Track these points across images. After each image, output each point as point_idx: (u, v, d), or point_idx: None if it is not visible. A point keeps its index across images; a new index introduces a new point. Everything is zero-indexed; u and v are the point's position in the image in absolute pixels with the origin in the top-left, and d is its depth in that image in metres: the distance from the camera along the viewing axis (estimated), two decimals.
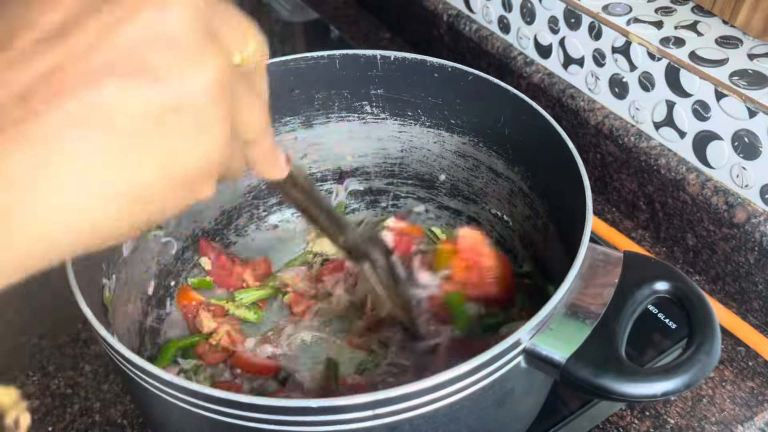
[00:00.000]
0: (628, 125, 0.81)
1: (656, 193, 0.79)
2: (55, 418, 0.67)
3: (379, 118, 0.75)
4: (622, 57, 0.78)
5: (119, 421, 0.67)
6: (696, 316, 0.50)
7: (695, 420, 0.65)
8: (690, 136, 0.74)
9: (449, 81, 0.69)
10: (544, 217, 0.67)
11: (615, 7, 0.80)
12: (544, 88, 0.89)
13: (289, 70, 0.71)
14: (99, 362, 0.72)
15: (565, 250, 0.60)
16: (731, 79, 0.69)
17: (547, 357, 0.48)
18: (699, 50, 0.72)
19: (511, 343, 0.46)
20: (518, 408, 0.55)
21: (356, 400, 0.42)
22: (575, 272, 0.49)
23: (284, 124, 0.75)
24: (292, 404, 0.42)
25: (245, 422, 0.44)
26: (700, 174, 0.74)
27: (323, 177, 0.80)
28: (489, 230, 0.76)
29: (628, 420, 0.66)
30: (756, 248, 0.70)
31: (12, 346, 0.74)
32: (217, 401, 0.43)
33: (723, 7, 0.73)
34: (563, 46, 0.86)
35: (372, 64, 0.71)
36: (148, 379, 0.46)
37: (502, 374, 0.47)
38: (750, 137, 0.68)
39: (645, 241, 0.83)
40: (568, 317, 0.50)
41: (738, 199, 0.71)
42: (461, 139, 0.73)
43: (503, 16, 0.93)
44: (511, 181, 0.71)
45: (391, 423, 0.44)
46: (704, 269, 0.77)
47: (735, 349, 0.71)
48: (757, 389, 0.68)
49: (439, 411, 0.45)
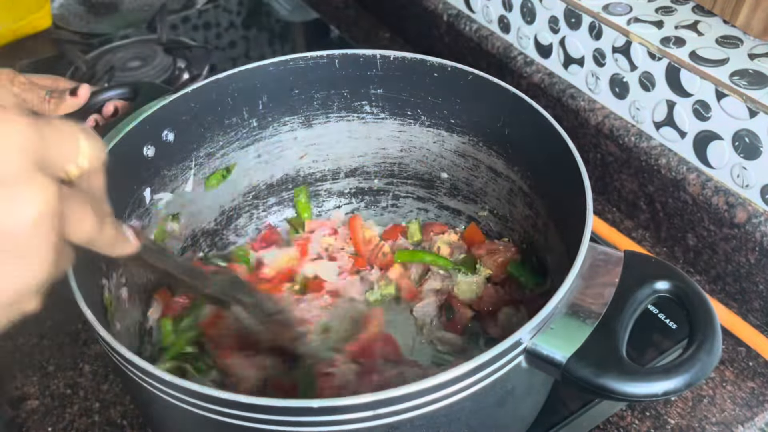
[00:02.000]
0: (629, 125, 0.80)
1: (657, 193, 0.79)
2: (54, 418, 0.67)
3: (379, 118, 0.75)
4: (622, 57, 0.78)
5: (119, 421, 0.67)
6: (696, 315, 0.50)
7: (696, 420, 0.65)
8: (690, 136, 0.74)
9: (449, 80, 0.69)
10: (544, 217, 0.67)
11: (615, 6, 0.80)
12: (544, 88, 0.89)
13: (288, 70, 0.71)
14: (99, 362, 0.72)
15: (565, 249, 0.60)
16: (732, 79, 0.69)
17: (548, 357, 0.48)
18: (699, 50, 0.72)
19: (512, 343, 0.46)
20: (519, 408, 0.55)
21: (357, 401, 0.42)
22: (576, 272, 0.49)
23: (284, 123, 0.75)
24: (293, 404, 0.42)
25: (246, 422, 0.44)
26: (700, 174, 0.74)
27: (323, 177, 0.80)
28: (489, 230, 0.76)
29: (629, 420, 0.65)
30: (756, 248, 0.70)
31: (12, 346, 0.74)
32: (218, 402, 0.43)
33: (723, 6, 0.73)
34: (563, 45, 0.86)
35: (371, 64, 0.71)
36: (147, 379, 0.46)
37: (502, 374, 0.47)
38: (750, 137, 0.68)
39: (645, 241, 0.82)
40: (569, 317, 0.49)
41: (738, 199, 0.71)
42: (461, 139, 0.73)
43: (503, 15, 0.93)
44: (511, 180, 0.70)
45: (392, 423, 0.44)
46: (705, 269, 0.77)
47: (735, 350, 0.71)
48: (757, 389, 0.68)
49: (439, 411, 0.45)
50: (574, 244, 0.51)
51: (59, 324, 0.75)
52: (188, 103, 0.68)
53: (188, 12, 1.23)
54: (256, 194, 0.79)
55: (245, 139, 0.74)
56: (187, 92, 0.68)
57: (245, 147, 0.74)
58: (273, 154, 0.77)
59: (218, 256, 0.77)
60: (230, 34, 1.20)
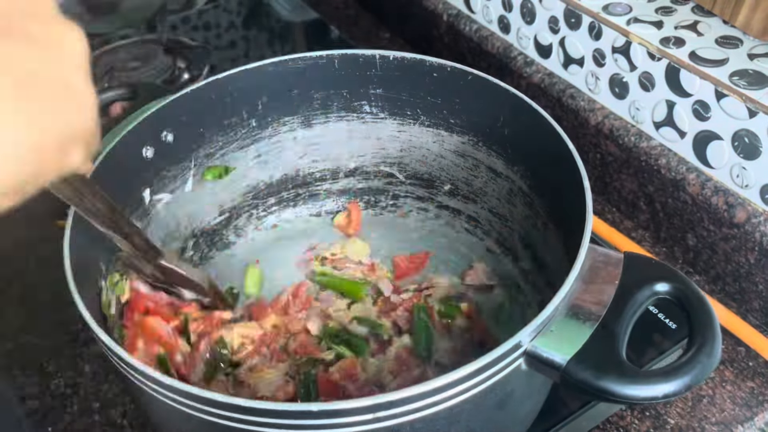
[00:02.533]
0: (628, 125, 0.80)
1: (656, 193, 0.79)
2: (54, 418, 0.67)
3: (378, 118, 0.75)
4: (622, 57, 0.78)
5: (119, 421, 0.67)
6: (696, 317, 0.50)
7: (695, 420, 0.65)
8: (690, 136, 0.74)
9: (448, 81, 0.69)
10: (544, 217, 0.67)
11: (615, 7, 0.80)
12: (544, 88, 0.89)
13: (288, 70, 0.71)
14: (99, 362, 0.72)
15: (565, 250, 0.60)
16: (731, 79, 0.69)
17: (547, 359, 0.47)
18: (699, 50, 0.72)
19: (512, 346, 0.46)
20: (519, 410, 0.55)
21: (357, 404, 0.42)
22: (576, 274, 0.49)
23: (283, 123, 0.75)
24: (293, 408, 0.42)
25: (245, 425, 0.44)
26: (700, 174, 0.74)
27: (322, 177, 0.80)
28: (488, 230, 0.76)
29: (628, 420, 0.66)
30: (756, 248, 0.70)
31: (12, 346, 0.74)
32: (218, 405, 0.43)
33: (723, 7, 0.73)
34: (563, 46, 0.85)
35: (371, 64, 0.71)
36: (147, 382, 0.46)
37: (502, 376, 0.47)
38: (750, 137, 0.68)
39: (645, 241, 0.82)
40: (569, 319, 0.49)
41: (738, 199, 0.71)
42: (461, 139, 0.73)
43: (503, 16, 0.93)
44: (510, 180, 0.70)
45: (391, 426, 0.44)
46: (704, 269, 0.77)
47: (735, 350, 0.71)
48: (757, 389, 0.68)
49: (439, 414, 0.45)
50: (574, 245, 0.51)
51: (59, 324, 0.75)
52: (188, 104, 0.68)
53: (188, 12, 1.23)
54: (256, 194, 0.78)
55: (245, 139, 0.74)
56: (186, 92, 0.68)
57: (245, 147, 0.74)
58: (272, 154, 0.77)
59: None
60: (230, 34, 1.20)
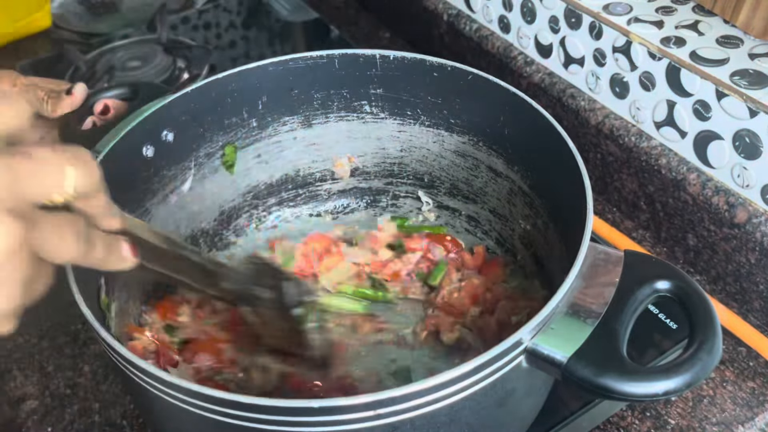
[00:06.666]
0: (629, 125, 0.80)
1: (657, 193, 0.79)
2: (54, 418, 0.67)
3: (379, 118, 0.75)
4: (622, 57, 0.78)
5: (119, 421, 0.67)
6: (697, 314, 0.50)
7: (696, 420, 0.65)
8: (691, 136, 0.74)
9: (449, 80, 0.69)
10: (544, 217, 0.67)
11: (615, 6, 0.80)
12: (544, 87, 0.89)
13: (288, 70, 0.71)
14: (98, 362, 0.72)
15: (565, 249, 0.60)
16: (732, 79, 0.69)
17: (548, 357, 0.48)
18: (700, 50, 0.72)
19: (513, 343, 0.46)
20: (519, 408, 0.55)
21: (358, 401, 0.42)
22: (576, 272, 0.49)
23: (283, 123, 0.75)
24: (294, 405, 0.42)
25: (246, 423, 0.44)
26: (700, 174, 0.74)
27: (322, 177, 0.80)
28: (489, 229, 0.76)
29: (629, 420, 0.65)
30: (757, 248, 0.70)
31: (12, 346, 0.73)
32: (218, 402, 0.43)
33: (724, 6, 0.73)
34: (564, 45, 0.86)
35: (371, 64, 0.71)
36: (147, 379, 0.46)
37: (503, 374, 0.47)
38: (751, 137, 0.68)
39: (646, 241, 0.82)
40: (569, 317, 0.49)
41: (739, 199, 0.71)
42: (461, 139, 0.73)
43: (503, 15, 0.93)
44: (510, 180, 0.70)
45: (392, 423, 0.44)
46: (705, 269, 0.77)
47: (736, 350, 0.71)
48: (758, 389, 0.68)
49: (440, 411, 0.45)
50: (574, 244, 0.51)
51: (59, 324, 0.75)
52: (188, 103, 0.68)
53: (188, 12, 1.23)
54: (256, 194, 0.78)
55: (245, 139, 0.74)
56: (186, 92, 0.68)
57: (245, 147, 0.74)
58: (272, 154, 0.77)
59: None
60: (230, 34, 1.20)
